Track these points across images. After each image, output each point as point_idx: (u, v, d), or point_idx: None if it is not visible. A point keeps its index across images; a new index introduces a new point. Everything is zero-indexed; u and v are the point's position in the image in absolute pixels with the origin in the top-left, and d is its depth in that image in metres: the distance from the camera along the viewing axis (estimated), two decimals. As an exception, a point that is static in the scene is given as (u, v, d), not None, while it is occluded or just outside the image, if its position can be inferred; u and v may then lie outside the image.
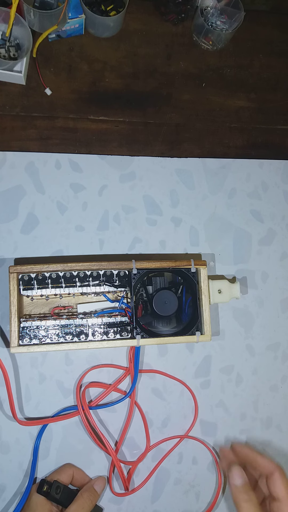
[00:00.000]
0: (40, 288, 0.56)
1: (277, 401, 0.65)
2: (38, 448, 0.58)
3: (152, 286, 0.59)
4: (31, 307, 0.59)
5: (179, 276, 0.60)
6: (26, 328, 0.56)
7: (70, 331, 0.57)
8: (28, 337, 0.55)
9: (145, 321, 0.58)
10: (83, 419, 0.58)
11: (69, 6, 0.61)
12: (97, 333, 0.57)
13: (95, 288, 0.57)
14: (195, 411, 0.62)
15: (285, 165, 0.69)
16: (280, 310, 0.66)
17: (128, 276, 0.58)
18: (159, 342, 0.57)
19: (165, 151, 0.67)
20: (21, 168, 0.62)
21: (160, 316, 0.57)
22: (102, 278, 0.57)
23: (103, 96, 0.66)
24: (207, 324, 0.57)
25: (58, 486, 0.52)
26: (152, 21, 0.68)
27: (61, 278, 0.56)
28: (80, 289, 0.57)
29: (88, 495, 0.53)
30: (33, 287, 0.56)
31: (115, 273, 0.58)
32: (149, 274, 0.59)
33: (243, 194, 0.68)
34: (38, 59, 0.64)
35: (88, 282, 0.57)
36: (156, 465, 0.61)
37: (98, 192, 0.64)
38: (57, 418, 0.58)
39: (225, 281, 0.62)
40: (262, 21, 0.71)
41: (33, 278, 0.56)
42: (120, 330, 0.57)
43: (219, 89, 0.69)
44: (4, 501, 0.57)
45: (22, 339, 0.55)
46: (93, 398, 0.60)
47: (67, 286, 0.57)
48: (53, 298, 0.59)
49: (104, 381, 0.61)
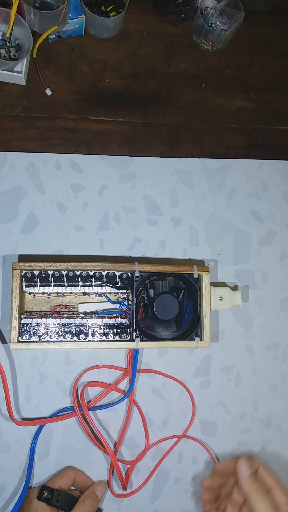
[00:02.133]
0: (42, 285, 0.56)
1: (277, 401, 0.65)
2: (34, 449, 0.58)
3: (153, 289, 0.59)
4: (32, 304, 0.59)
5: (181, 281, 0.60)
6: (26, 325, 0.56)
7: (70, 330, 0.57)
8: (28, 334, 0.56)
9: (145, 324, 0.58)
10: (80, 420, 0.58)
11: (69, 6, 0.61)
12: (97, 334, 0.57)
13: (97, 288, 0.57)
14: (192, 411, 0.62)
15: (285, 166, 0.69)
16: (280, 310, 0.67)
17: (131, 278, 0.58)
18: (158, 346, 0.57)
19: (165, 152, 0.67)
20: (21, 168, 0.62)
21: (160, 320, 0.58)
22: (105, 279, 0.57)
23: (103, 97, 0.66)
24: (206, 331, 0.57)
25: (59, 494, 0.52)
26: (152, 22, 0.68)
27: (63, 277, 0.57)
28: (82, 288, 0.57)
29: (90, 502, 0.54)
30: (36, 284, 0.56)
31: (118, 275, 0.58)
32: (151, 278, 0.59)
33: (243, 194, 0.68)
34: (39, 59, 0.64)
35: (91, 282, 0.57)
36: (156, 464, 0.61)
37: (98, 192, 0.64)
38: (54, 419, 0.58)
39: (227, 289, 0.62)
40: (262, 21, 0.71)
41: (36, 275, 0.56)
42: (119, 332, 0.58)
43: (219, 89, 0.69)
44: (4, 501, 0.58)
45: (22, 336, 0.55)
46: (92, 398, 0.60)
47: (69, 285, 0.57)
48: (54, 297, 0.59)
49: (103, 381, 0.61)
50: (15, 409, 0.59)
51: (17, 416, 0.58)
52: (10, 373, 0.59)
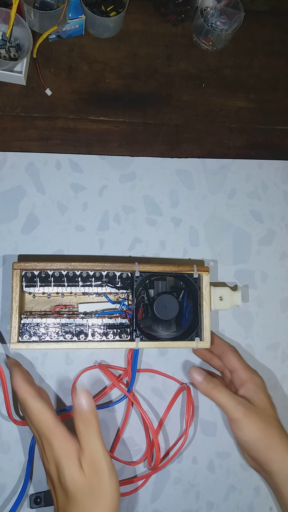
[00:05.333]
0: (42, 285, 0.56)
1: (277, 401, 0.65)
2: (34, 448, 0.58)
3: (153, 289, 0.59)
4: (32, 304, 0.59)
5: (181, 281, 0.60)
6: (26, 325, 0.56)
7: (70, 330, 0.57)
8: (28, 334, 0.56)
9: (145, 324, 0.58)
10: None
11: (69, 6, 0.61)
12: (97, 334, 0.57)
13: (97, 288, 0.57)
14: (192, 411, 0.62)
15: (285, 166, 0.69)
16: (280, 310, 0.67)
17: (131, 278, 0.58)
18: (158, 346, 0.57)
19: (165, 152, 0.67)
20: (21, 168, 0.62)
21: (160, 320, 0.57)
22: (105, 279, 0.57)
23: (103, 97, 0.66)
24: (206, 331, 0.57)
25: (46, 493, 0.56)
26: (152, 22, 0.68)
27: (63, 277, 0.57)
28: (82, 288, 0.57)
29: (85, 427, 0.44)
30: (36, 284, 0.56)
31: (118, 275, 0.58)
32: (151, 278, 0.59)
33: (242, 194, 0.68)
34: (39, 59, 0.64)
35: (91, 282, 0.57)
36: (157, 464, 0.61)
37: (98, 192, 0.64)
38: None
39: (227, 289, 0.62)
40: (262, 21, 0.71)
41: (36, 275, 0.56)
42: (119, 332, 0.58)
43: (219, 89, 0.69)
44: (4, 501, 0.58)
45: (22, 336, 0.55)
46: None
47: (69, 285, 0.57)
48: (54, 297, 0.59)
49: (103, 380, 0.61)
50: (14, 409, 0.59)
51: (16, 417, 0.58)
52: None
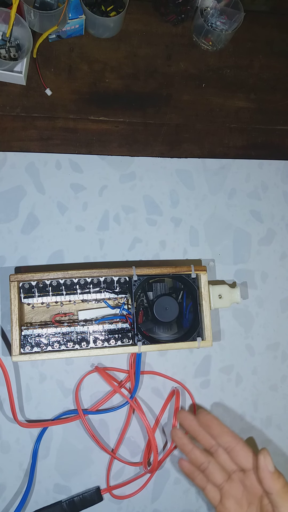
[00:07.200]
0: (41, 296, 0.56)
1: (276, 400, 0.65)
2: (37, 451, 0.58)
3: (152, 292, 0.59)
4: (32, 314, 0.59)
5: (179, 282, 0.60)
6: (27, 336, 0.56)
7: (71, 339, 0.56)
8: (29, 345, 0.55)
9: (146, 327, 0.58)
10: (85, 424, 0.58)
11: (69, 6, 0.61)
12: (99, 340, 0.57)
13: (95, 295, 0.57)
14: (193, 411, 0.62)
15: (285, 166, 0.69)
16: (280, 310, 0.67)
17: (129, 282, 0.58)
18: (160, 348, 0.57)
19: (165, 152, 0.67)
20: (21, 168, 0.62)
21: (161, 322, 0.57)
22: (103, 285, 0.57)
23: (103, 97, 0.66)
24: (208, 330, 0.57)
25: None
26: (152, 22, 0.68)
27: (61, 286, 0.56)
28: (81, 296, 0.57)
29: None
30: (34, 295, 0.56)
31: (116, 280, 0.58)
32: (149, 280, 0.59)
33: (242, 194, 0.68)
34: (39, 59, 0.64)
35: (89, 289, 0.57)
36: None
37: (98, 192, 0.64)
38: (57, 422, 0.58)
39: (226, 286, 0.62)
40: (262, 21, 0.71)
41: (33, 286, 0.56)
42: (121, 337, 0.57)
43: (219, 89, 0.69)
44: (4, 501, 0.58)
45: (23, 347, 0.55)
46: (94, 402, 0.60)
47: (68, 293, 0.56)
48: (54, 306, 0.59)
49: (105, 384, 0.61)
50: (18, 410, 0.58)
51: (21, 418, 0.58)
52: (13, 373, 0.59)
